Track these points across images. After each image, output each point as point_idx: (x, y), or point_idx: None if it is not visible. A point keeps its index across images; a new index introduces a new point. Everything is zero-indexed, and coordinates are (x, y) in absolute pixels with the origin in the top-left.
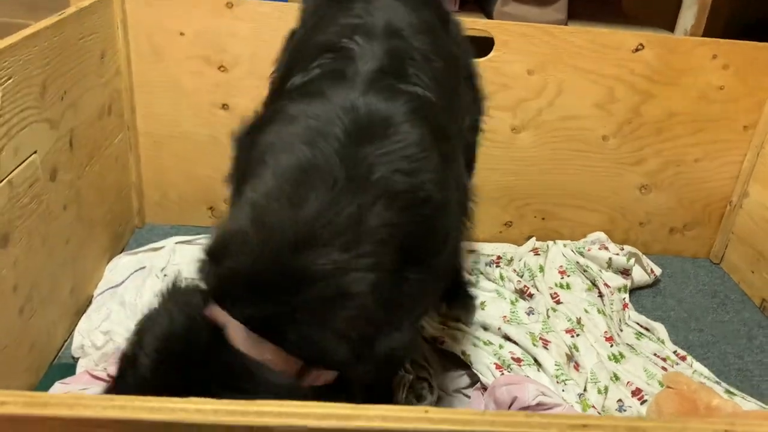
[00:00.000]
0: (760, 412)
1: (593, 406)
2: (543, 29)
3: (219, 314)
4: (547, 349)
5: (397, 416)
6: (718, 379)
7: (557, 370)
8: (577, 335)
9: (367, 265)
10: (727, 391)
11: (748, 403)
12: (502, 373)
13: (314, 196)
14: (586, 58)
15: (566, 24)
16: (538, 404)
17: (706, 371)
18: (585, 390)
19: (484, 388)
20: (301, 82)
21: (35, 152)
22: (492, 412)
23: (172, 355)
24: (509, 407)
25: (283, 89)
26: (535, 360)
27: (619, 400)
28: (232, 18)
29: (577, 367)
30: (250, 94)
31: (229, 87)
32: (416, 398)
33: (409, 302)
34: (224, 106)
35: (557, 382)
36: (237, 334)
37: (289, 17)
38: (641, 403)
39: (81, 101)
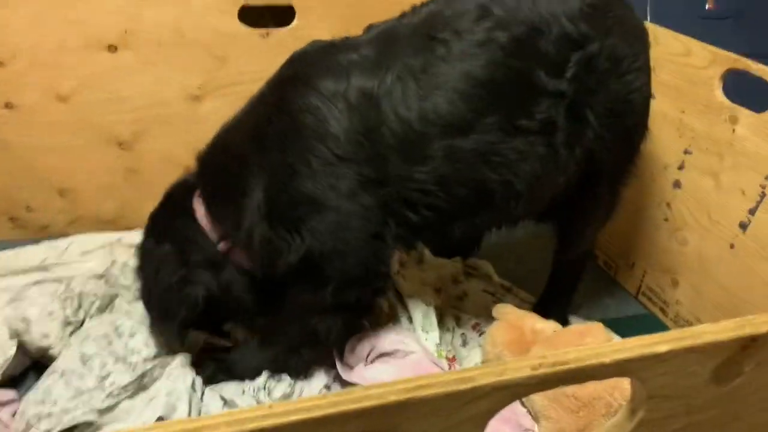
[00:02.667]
0: (575, 328)
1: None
2: None
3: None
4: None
5: (241, 418)
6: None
7: (424, 320)
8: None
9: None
10: None
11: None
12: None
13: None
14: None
15: None
16: (395, 351)
17: (530, 297)
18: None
19: None
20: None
21: None
22: (333, 393)
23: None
24: (368, 354)
25: None
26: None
27: (462, 334)
28: (1, 6)
29: None
30: (37, 88)
31: (10, 83)
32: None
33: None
34: (8, 105)
35: (422, 331)
36: (198, 207)
37: (70, 1)
38: (479, 335)
39: None
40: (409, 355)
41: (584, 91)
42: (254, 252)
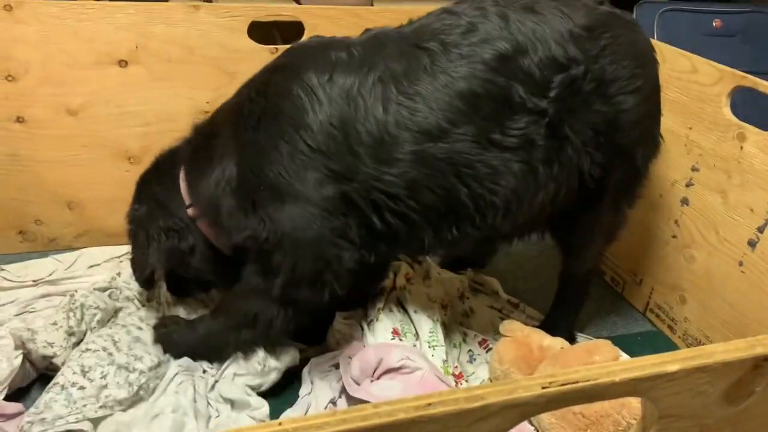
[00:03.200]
0: (583, 345)
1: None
2: (350, 11)
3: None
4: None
5: None
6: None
7: (430, 336)
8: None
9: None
10: None
11: (577, 335)
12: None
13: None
14: None
15: (372, 5)
16: (401, 367)
17: (537, 314)
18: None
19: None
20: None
21: None
22: (343, 410)
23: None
24: (375, 369)
25: None
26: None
27: (470, 351)
28: (14, 22)
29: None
30: (48, 103)
31: (21, 98)
32: None
33: None
34: (19, 119)
35: (429, 347)
36: (181, 173)
37: (82, 16)
38: (486, 351)
39: None
40: (416, 371)
41: (566, 111)
42: (218, 223)
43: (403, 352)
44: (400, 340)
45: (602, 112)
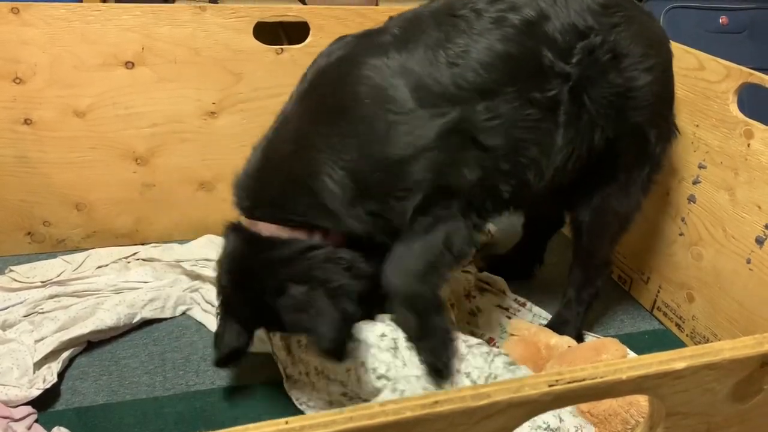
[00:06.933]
0: (591, 343)
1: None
2: (355, 11)
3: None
4: None
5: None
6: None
7: None
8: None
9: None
10: None
11: (585, 334)
12: None
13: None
14: None
15: (377, 4)
16: None
17: (544, 313)
18: None
19: None
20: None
21: None
22: (350, 408)
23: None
24: None
25: None
26: None
27: None
28: (21, 24)
29: None
30: (55, 104)
31: (29, 100)
32: None
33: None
34: (26, 122)
35: None
36: (261, 228)
37: (89, 18)
38: None
39: None
40: None
41: (585, 78)
42: (361, 225)
43: None
44: None
45: (616, 84)
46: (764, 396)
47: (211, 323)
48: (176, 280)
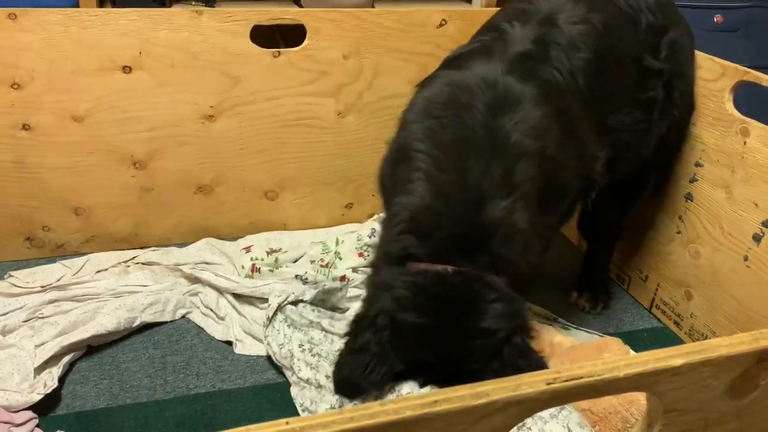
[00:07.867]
0: (593, 342)
1: None
2: (351, 13)
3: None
4: None
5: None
6: (555, 316)
7: None
8: None
9: (522, 207)
10: (564, 327)
11: (583, 334)
12: None
13: (473, 163)
14: (395, 37)
15: (373, 6)
16: None
17: (546, 312)
18: None
19: None
20: (457, 53)
21: None
22: (350, 408)
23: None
24: None
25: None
26: None
27: None
28: (19, 30)
29: None
30: (53, 109)
31: (27, 105)
32: None
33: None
34: (25, 127)
35: None
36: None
37: (86, 23)
38: None
39: None
40: None
41: (673, 72)
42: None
43: None
44: None
45: (690, 75)
46: (761, 392)
47: (211, 326)
48: (175, 284)
